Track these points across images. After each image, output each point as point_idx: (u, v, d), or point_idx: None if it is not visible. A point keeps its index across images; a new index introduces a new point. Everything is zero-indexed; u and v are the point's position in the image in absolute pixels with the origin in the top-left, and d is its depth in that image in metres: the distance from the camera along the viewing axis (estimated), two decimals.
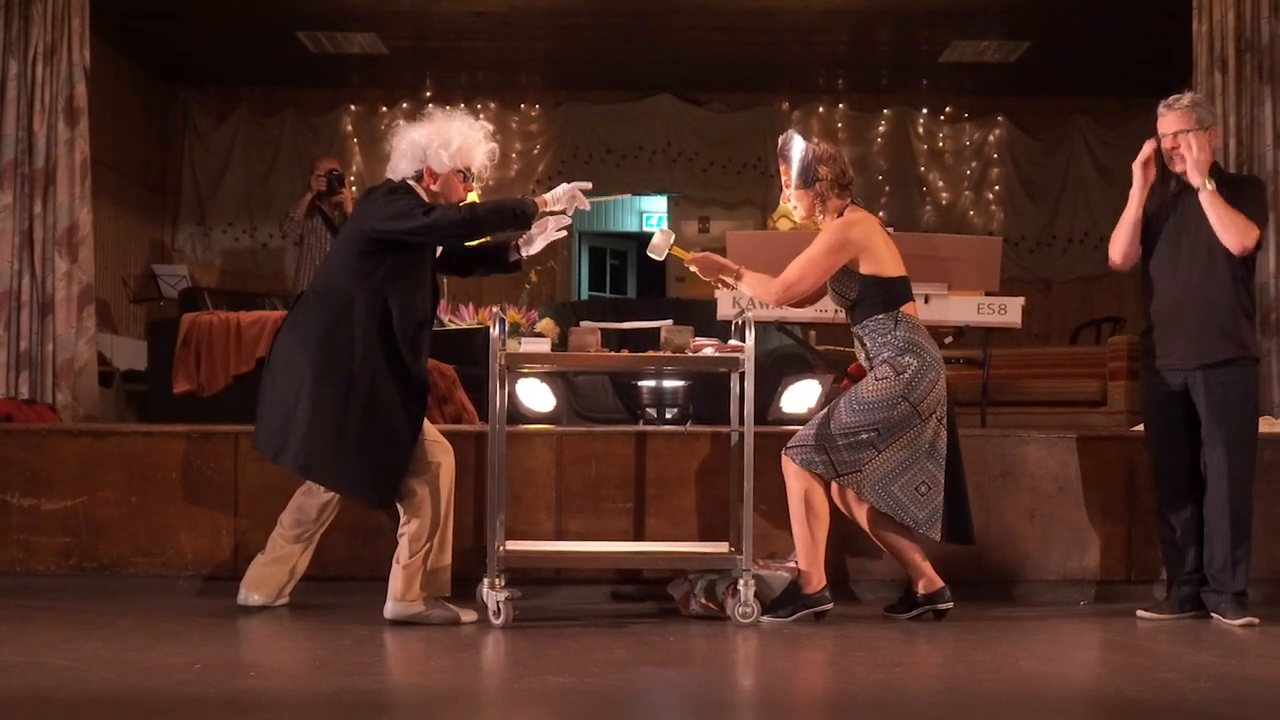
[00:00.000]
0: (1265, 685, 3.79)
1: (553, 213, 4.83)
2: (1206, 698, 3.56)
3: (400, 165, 4.77)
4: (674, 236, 5.04)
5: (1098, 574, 5.42)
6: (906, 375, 4.70)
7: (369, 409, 4.55)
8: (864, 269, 4.81)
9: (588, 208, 4.91)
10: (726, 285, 5.04)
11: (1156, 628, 4.80)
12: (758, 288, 4.95)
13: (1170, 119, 4.92)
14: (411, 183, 4.73)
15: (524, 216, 4.73)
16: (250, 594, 4.86)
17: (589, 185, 4.89)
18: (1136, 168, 4.97)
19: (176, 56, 10.71)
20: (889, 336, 4.77)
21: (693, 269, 5.02)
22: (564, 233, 4.94)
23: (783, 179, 4.99)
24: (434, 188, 4.75)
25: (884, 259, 4.81)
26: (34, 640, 4.24)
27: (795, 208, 4.98)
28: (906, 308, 4.82)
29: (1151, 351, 5.01)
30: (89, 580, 5.33)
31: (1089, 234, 11.25)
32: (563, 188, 4.84)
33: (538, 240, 4.93)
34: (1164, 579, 5.15)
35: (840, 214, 4.90)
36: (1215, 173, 4.94)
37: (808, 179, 4.89)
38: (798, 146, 4.91)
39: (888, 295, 4.80)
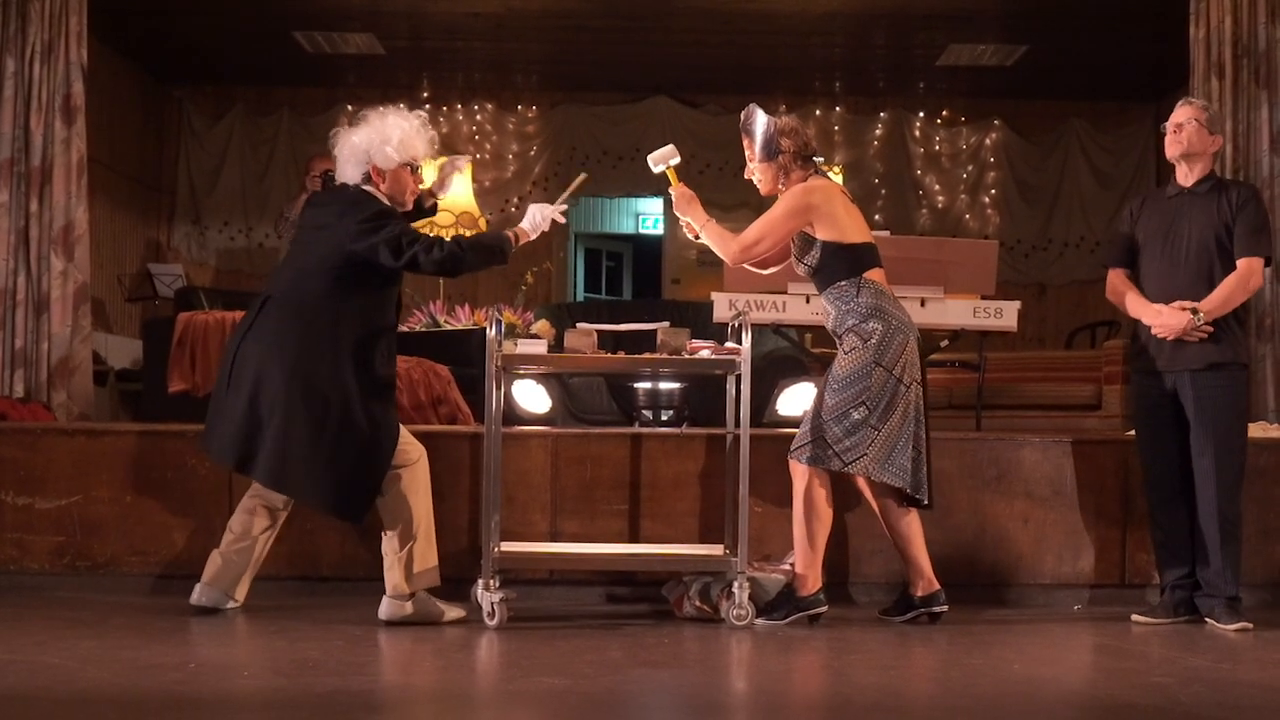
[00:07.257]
0: (1259, 690, 3.80)
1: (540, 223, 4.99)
2: (1200, 702, 3.56)
3: (347, 170, 4.77)
4: (678, 160, 5.00)
5: (1092, 578, 5.42)
6: (874, 340, 4.67)
7: (344, 427, 4.54)
8: (824, 235, 4.77)
9: (564, 221, 5.05)
10: (691, 231, 5.02)
11: (1150, 632, 4.80)
12: (717, 243, 4.94)
13: (1183, 110, 5.05)
14: (367, 189, 4.74)
15: (502, 255, 4.81)
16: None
17: (562, 208, 5.01)
18: (1160, 327, 4.94)
19: (172, 55, 10.69)
20: (852, 304, 4.74)
21: (672, 195, 5.00)
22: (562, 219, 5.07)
23: (746, 153, 4.96)
24: (384, 187, 4.75)
25: (845, 225, 4.78)
26: (27, 639, 4.24)
27: (759, 181, 4.97)
28: (871, 274, 4.77)
29: (1141, 355, 5.03)
30: (83, 579, 5.33)
31: (1084, 238, 11.26)
32: (535, 214, 4.94)
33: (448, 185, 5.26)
34: (1158, 583, 5.16)
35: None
36: (1211, 179, 4.99)
37: (770, 151, 4.87)
38: (760, 120, 4.89)
39: (851, 261, 4.76)
